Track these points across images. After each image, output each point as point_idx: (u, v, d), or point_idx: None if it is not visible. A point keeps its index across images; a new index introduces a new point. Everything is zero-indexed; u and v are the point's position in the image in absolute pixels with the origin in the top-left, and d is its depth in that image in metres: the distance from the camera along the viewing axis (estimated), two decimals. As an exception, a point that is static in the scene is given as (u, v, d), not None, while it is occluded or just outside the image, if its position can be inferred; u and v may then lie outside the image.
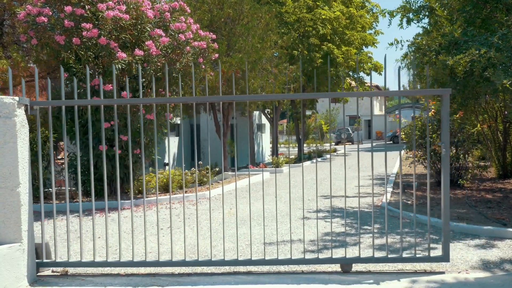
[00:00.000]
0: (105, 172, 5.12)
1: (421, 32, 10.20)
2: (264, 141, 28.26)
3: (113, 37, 9.37)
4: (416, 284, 4.48)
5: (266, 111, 25.19)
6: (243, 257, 5.27)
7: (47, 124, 9.02)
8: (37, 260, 4.96)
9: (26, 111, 4.82)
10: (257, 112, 25.51)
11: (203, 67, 10.77)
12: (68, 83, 9.83)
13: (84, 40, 9.11)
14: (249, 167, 16.64)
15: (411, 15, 9.01)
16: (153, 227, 7.36)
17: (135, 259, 5.13)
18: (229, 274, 4.97)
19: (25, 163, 4.69)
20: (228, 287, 4.57)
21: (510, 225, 6.70)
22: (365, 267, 5.04)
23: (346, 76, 22.61)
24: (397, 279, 4.64)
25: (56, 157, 11.27)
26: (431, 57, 7.67)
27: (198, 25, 10.73)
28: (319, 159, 21.79)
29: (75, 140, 9.17)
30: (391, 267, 5.04)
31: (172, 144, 21.07)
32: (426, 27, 9.91)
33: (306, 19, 20.78)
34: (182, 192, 5.12)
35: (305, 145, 33.87)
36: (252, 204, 9.29)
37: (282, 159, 17.80)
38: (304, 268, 5.06)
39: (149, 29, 9.70)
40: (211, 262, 5.03)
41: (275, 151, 23.16)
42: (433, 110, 10.55)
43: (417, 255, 4.96)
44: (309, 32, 20.80)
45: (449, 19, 8.71)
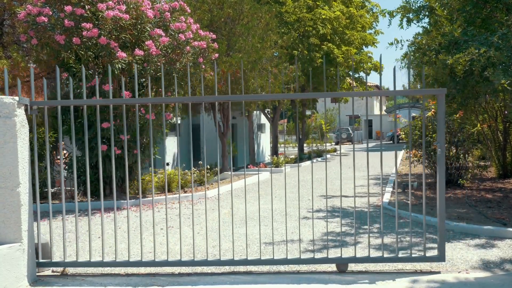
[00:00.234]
0: (101, 172, 5.12)
1: (421, 31, 10.19)
2: (264, 141, 28.24)
3: (113, 37, 9.37)
4: (414, 284, 4.48)
5: (266, 111, 25.18)
6: (241, 257, 5.26)
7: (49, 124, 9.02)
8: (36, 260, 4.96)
9: (26, 111, 4.82)
10: (257, 112, 25.48)
11: (203, 67, 10.77)
12: (68, 83, 9.83)
13: (84, 40, 9.12)
14: (249, 167, 16.63)
15: (411, 15, 9.01)
16: (152, 227, 7.34)
17: (131, 259, 5.13)
18: (229, 274, 4.97)
19: (25, 163, 4.69)
20: (227, 287, 4.57)
21: (510, 224, 6.69)
22: (365, 267, 5.03)
23: (346, 76, 22.61)
24: (392, 279, 4.63)
25: (56, 157, 11.25)
26: (431, 56, 7.67)
27: (198, 25, 10.73)
28: (319, 158, 21.78)
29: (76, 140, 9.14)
30: (391, 267, 5.03)
31: (173, 144, 21.06)
32: (426, 27, 9.90)
33: (306, 19, 20.78)
34: (178, 192, 5.11)
35: (305, 145, 33.84)
36: (252, 204, 9.29)
37: (282, 159, 17.81)
38: (304, 268, 5.05)
39: (149, 29, 9.70)
40: (207, 262, 5.03)
41: (275, 151, 23.15)
42: (433, 110, 10.55)
43: (412, 255, 4.94)
44: (309, 32, 20.80)
45: (449, 18, 8.70)
